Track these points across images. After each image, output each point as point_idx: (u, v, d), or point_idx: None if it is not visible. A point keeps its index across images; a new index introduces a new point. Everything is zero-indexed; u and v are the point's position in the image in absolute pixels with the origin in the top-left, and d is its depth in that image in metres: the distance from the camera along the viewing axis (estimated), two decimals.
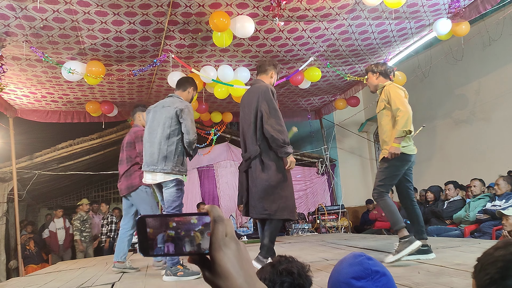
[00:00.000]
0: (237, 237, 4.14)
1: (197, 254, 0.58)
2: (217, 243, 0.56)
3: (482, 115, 6.45)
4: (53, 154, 7.06)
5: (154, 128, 3.39)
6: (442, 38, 5.01)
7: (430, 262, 2.87)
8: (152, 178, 3.36)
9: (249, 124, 3.22)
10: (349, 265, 1.07)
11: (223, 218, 0.58)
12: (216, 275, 0.56)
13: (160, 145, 3.31)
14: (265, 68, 3.47)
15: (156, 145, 3.33)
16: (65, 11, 3.71)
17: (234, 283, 0.55)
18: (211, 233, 0.57)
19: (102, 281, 3.38)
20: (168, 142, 3.31)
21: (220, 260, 0.55)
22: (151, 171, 3.33)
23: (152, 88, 6.01)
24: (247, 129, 3.25)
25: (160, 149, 3.31)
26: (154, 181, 3.36)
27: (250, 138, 3.21)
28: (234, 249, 0.57)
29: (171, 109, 3.34)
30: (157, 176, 3.33)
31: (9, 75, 4.86)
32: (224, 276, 0.55)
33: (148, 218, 0.58)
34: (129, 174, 4.00)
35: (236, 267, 0.56)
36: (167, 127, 3.32)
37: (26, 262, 6.99)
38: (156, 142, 3.33)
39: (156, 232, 0.58)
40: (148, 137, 3.42)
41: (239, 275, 0.55)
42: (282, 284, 1.29)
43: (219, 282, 0.55)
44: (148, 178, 3.39)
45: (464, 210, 5.27)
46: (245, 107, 3.32)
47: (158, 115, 3.38)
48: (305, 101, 7.63)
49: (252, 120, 3.21)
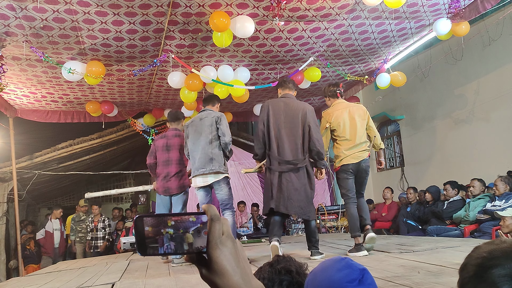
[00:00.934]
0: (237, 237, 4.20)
1: (195, 253, 0.59)
2: (214, 241, 0.57)
3: (481, 115, 6.46)
4: (53, 154, 7.07)
5: (197, 137, 3.89)
6: (442, 38, 5.01)
7: (430, 262, 2.87)
8: (203, 181, 3.82)
9: (294, 134, 3.66)
10: (338, 270, 1.05)
11: (219, 217, 0.59)
12: (213, 272, 0.57)
13: (205, 149, 3.82)
14: (289, 86, 3.92)
15: (201, 150, 3.82)
16: (65, 11, 3.71)
17: (231, 280, 0.56)
18: (208, 231, 0.58)
19: (102, 281, 3.38)
20: (211, 146, 3.83)
21: (217, 258, 0.57)
22: (202, 174, 3.80)
23: (152, 88, 6.02)
24: (289, 137, 3.66)
25: (205, 153, 3.81)
26: (206, 183, 3.84)
27: (296, 147, 3.65)
28: (231, 247, 0.58)
29: (209, 118, 3.91)
30: (208, 178, 3.80)
31: (9, 75, 4.86)
32: (221, 273, 0.56)
33: (146, 218, 0.59)
34: (181, 174, 4.42)
35: (232, 265, 0.57)
36: (209, 133, 3.86)
37: (26, 262, 6.99)
38: (201, 148, 3.83)
39: (154, 231, 0.58)
40: (192, 147, 3.90)
41: (235, 272, 0.57)
42: (281, 282, 1.30)
43: (216, 279, 0.57)
44: (199, 181, 3.83)
45: (464, 210, 5.27)
46: (284, 115, 3.71)
47: (199, 126, 3.91)
48: (305, 101, 7.63)
49: (299, 132, 3.66)
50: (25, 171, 6.80)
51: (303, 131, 3.66)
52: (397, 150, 8.76)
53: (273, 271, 1.33)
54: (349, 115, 3.86)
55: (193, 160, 3.89)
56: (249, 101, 6.37)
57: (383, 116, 8.76)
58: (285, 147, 3.65)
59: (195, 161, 3.85)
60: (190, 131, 3.97)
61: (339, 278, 1.03)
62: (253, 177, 8.74)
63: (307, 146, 3.66)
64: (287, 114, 3.70)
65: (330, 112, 3.93)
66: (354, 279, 1.03)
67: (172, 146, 4.45)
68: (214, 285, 0.57)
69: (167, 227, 0.58)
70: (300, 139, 3.65)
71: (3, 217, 6.84)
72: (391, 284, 2.23)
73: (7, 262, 6.89)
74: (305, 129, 3.66)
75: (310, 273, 1.16)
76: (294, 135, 3.65)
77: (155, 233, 0.58)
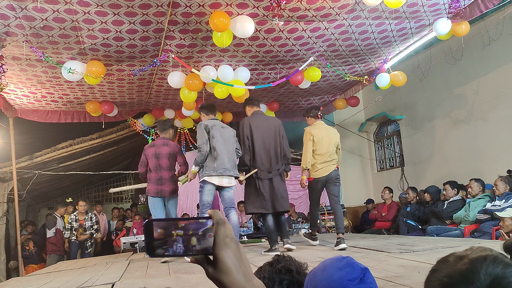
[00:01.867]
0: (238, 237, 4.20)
1: (202, 254, 0.65)
2: (220, 243, 0.64)
3: (481, 115, 6.46)
4: (53, 154, 7.07)
5: (223, 142, 4.20)
6: (442, 38, 5.01)
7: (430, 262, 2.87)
8: (228, 182, 4.21)
9: (275, 145, 4.36)
10: (339, 269, 1.04)
11: (224, 221, 0.66)
12: (219, 271, 0.63)
13: (232, 155, 4.26)
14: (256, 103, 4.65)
15: (229, 155, 4.20)
16: (65, 11, 3.71)
17: (235, 278, 0.63)
18: (215, 234, 0.65)
19: (102, 281, 3.38)
20: (234, 154, 4.31)
21: (222, 257, 0.63)
22: (229, 175, 4.17)
23: (152, 88, 6.02)
24: (272, 147, 4.35)
25: (232, 159, 4.25)
26: (229, 184, 4.23)
27: (277, 155, 4.37)
28: (235, 248, 0.65)
29: (230, 130, 4.35)
30: (232, 180, 4.23)
31: (9, 75, 4.85)
32: (227, 272, 0.63)
33: (155, 222, 0.64)
34: (174, 179, 4.74)
35: (236, 264, 0.64)
36: (233, 143, 4.33)
37: (26, 262, 6.99)
38: (229, 153, 4.21)
39: (165, 233, 0.63)
40: (221, 147, 4.16)
41: (238, 271, 0.64)
42: (281, 282, 1.30)
43: (221, 277, 0.63)
44: (225, 181, 4.17)
45: (464, 210, 5.27)
46: (263, 130, 4.37)
47: (224, 133, 4.25)
48: (305, 101, 7.63)
49: (278, 143, 4.39)
50: (25, 171, 6.80)
51: (280, 141, 4.41)
52: (397, 150, 8.76)
53: (273, 270, 1.33)
54: (327, 135, 4.55)
55: (221, 160, 4.11)
56: None
57: (383, 116, 8.77)
58: (271, 157, 4.32)
59: (223, 162, 4.11)
60: (216, 133, 4.18)
61: (340, 277, 1.02)
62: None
63: (283, 154, 4.42)
64: (266, 128, 4.35)
65: (312, 129, 4.61)
66: (355, 278, 1.01)
67: (161, 154, 4.70)
68: (220, 282, 0.64)
69: (178, 229, 0.64)
70: (279, 148, 4.39)
71: (3, 217, 6.84)
72: (391, 284, 2.23)
73: (7, 262, 6.89)
74: (279, 139, 4.41)
75: (310, 272, 1.15)
76: (275, 145, 4.35)
77: (165, 235, 0.63)
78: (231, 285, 0.63)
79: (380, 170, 9.30)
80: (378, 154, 9.44)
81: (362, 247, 4.06)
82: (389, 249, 3.71)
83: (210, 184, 4.12)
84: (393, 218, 6.84)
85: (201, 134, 4.11)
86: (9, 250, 6.99)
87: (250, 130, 4.32)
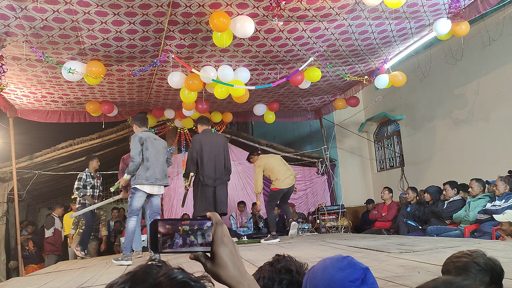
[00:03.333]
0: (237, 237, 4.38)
1: (202, 251, 0.73)
2: (218, 241, 0.73)
3: (481, 115, 6.46)
4: (53, 154, 7.07)
5: (155, 153, 4.47)
6: (442, 38, 5.01)
7: (430, 262, 2.87)
8: (158, 190, 4.53)
9: (220, 158, 5.22)
10: (340, 269, 1.01)
11: (222, 222, 0.76)
12: (217, 265, 0.73)
13: (163, 166, 4.55)
14: (206, 123, 5.48)
15: (160, 165, 4.49)
16: (65, 11, 3.71)
17: (231, 272, 0.73)
18: (214, 233, 0.74)
19: (102, 281, 3.38)
20: (165, 165, 4.61)
21: (220, 254, 0.73)
22: (159, 185, 4.49)
23: (152, 88, 6.02)
24: (218, 160, 5.22)
25: (163, 169, 4.54)
26: (159, 192, 4.56)
27: (222, 167, 5.28)
28: (231, 246, 0.75)
29: (162, 142, 4.65)
30: (161, 188, 4.57)
31: (9, 75, 4.86)
32: (224, 266, 0.73)
33: (160, 221, 0.72)
34: None
35: (232, 260, 0.73)
36: (164, 154, 4.60)
37: (26, 262, 6.99)
38: (160, 164, 4.49)
39: (167, 232, 0.71)
40: (153, 159, 4.42)
41: (234, 266, 0.73)
42: (281, 281, 1.30)
43: (218, 271, 0.73)
44: (156, 190, 4.48)
45: (464, 210, 5.27)
46: (210, 145, 5.22)
47: (156, 145, 4.51)
48: (305, 101, 7.63)
49: (222, 156, 5.30)
50: (25, 171, 6.80)
51: (224, 155, 5.30)
52: (397, 150, 8.76)
53: (273, 270, 1.33)
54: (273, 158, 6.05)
55: (152, 171, 4.41)
56: (249, 101, 6.37)
57: (383, 116, 8.77)
58: (217, 168, 5.18)
59: (155, 172, 4.42)
60: (149, 145, 4.44)
61: (341, 278, 0.99)
62: (253, 177, 8.73)
63: (226, 165, 5.36)
64: (213, 144, 5.16)
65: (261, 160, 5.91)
66: (356, 279, 0.99)
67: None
68: (217, 276, 0.73)
69: (179, 230, 0.72)
70: (223, 161, 5.27)
71: (3, 217, 6.84)
72: (391, 284, 2.23)
73: (7, 262, 6.89)
74: (224, 154, 5.30)
75: (308, 271, 1.12)
76: (220, 158, 5.18)
77: (168, 234, 0.71)
78: (227, 278, 0.72)
79: (380, 170, 9.30)
80: (378, 154, 9.43)
81: (362, 247, 4.06)
82: (389, 249, 3.71)
83: (141, 192, 4.37)
84: (393, 218, 6.84)
85: (135, 145, 4.35)
86: (9, 250, 6.99)
87: (200, 145, 5.15)
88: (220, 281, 0.73)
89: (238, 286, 0.72)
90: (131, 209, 4.39)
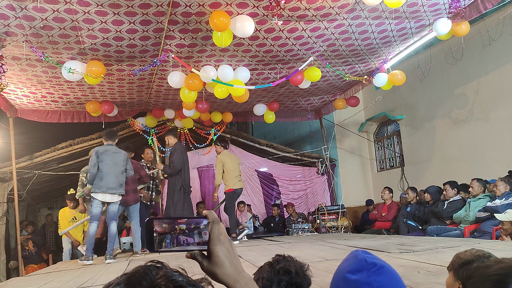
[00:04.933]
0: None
1: (198, 249, 0.72)
2: (215, 239, 0.72)
3: (481, 114, 6.45)
4: (53, 154, 7.06)
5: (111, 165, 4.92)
6: (442, 38, 5.01)
7: (430, 262, 2.87)
8: (111, 198, 4.91)
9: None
10: (345, 261, 1.03)
11: (219, 221, 0.74)
12: (214, 264, 0.72)
13: (118, 177, 4.96)
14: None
15: (115, 176, 4.92)
16: (65, 11, 3.71)
17: (228, 270, 0.71)
18: (210, 231, 0.72)
19: (102, 281, 3.38)
20: (122, 175, 5.01)
21: (217, 252, 0.72)
22: (112, 193, 4.89)
23: (152, 88, 6.01)
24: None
25: (118, 180, 4.95)
26: (113, 200, 4.95)
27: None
28: (228, 244, 0.73)
29: (122, 155, 5.04)
30: (115, 197, 4.94)
31: (9, 75, 4.85)
32: (220, 265, 0.71)
33: (156, 220, 0.71)
34: (136, 191, 5.58)
35: (229, 258, 0.72)
36: (122, 166, 5.01)
37: (26, 262, 6.99)
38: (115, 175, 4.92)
39: (163, 231, 0.70)
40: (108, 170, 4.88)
41: (231, 264, 0.72)
42: (279, 282, 1.30)
43: (215, 269, 0.72)
44: (108, 198, 4.87)
45: (464, 210, 5.26)
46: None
47: (114, 157, 4.96)
48: (305, 101, 7.63)
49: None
50: (25, 171, 6.80)
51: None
52: (397, 150, 8.76)
53: (272, 271, 1.33)
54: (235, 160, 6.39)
55: (106, 181, 4.85)
56: (249, 101, 6.37)
57: (383, 116, 8.76)
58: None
59: (108, 182, 4.85)
60: (105, 157, 4.90)
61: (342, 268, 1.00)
62: (253, 177, 8.74)
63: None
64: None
65: (223, 156, 6.19)
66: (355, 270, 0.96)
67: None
68: (214, 274, 0.72)
69: (175, 228, 0.71)
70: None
71: (3, 217, 6.83)
72: None
73: (7, 262, 6.89)
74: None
75: None
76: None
77: (164, 233, 0.70)
78: (224, 276, 0.71)
79: (380, 170, 9.30)
80: (378, 154, 9.43)
81: (362, 247, 4.05)
82: (389, 249, 3.71)
83: (96, 200, 4.86)
84: (393, 218, 6.84)
85: (92, 158, 4.88)
86: (9, 250, 6.98)
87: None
88: (217, 279, 0.72)
89: (235, 284, 0.71)
90: (91, 216, 4.92)
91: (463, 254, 1.48)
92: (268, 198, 8.83)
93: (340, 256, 3.47)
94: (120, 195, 4.99)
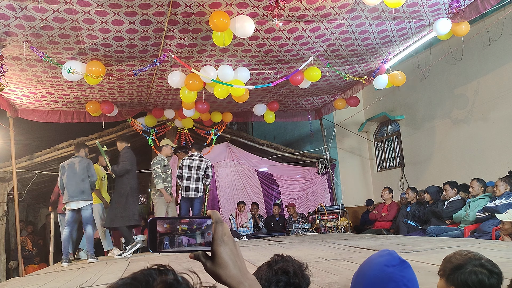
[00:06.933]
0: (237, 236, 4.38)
1: (201, 249, 0.71)
2: (219, 240, 0.71)
3: (481, 114, 6.45)
4: (53, 154, 7.06)
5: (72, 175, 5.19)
6: (442, 38, 5.01)
7: (430, 262, 2.87)
8: (76, 205, 5.19)
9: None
10: (379, 256, 1.22)
11: (222, 221, 0.73)
12: (217, 265, 0.70)
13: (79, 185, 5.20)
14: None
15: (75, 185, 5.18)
16: (65, 11, 3.71)
17: (231, 271, 0.70)
18: (214, 232, 0.71)
19: (102, 281, 3.38)
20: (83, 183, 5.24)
21: (221, 253, 0.70)
22: (76, 201, 5.18)
23: (152, 88, 6.02)
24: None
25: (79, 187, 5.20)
26: (78, 206, 5.20)
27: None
28: (231, 245, 0.72)
29: (82, 163, 5.29)
30: (80, 203, 5.20)
31: (9, 75, 4.85)
32: (224, 266, 0.70)
33: (159, 220, 0.70)
34: None
35: (233, 259, 0.71)
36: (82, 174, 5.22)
37: (26, 262, 6.99)
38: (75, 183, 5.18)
39: (166, 232, 0.69)
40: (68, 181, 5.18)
41: (235, 266, 0.70)
42: (277, 283, 1.30)
43: (219, 270, 0.70)
44: (73, 205, 5.17)
45: (464, 210, 5.26)
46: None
47: (78, 166, 5.23)
48: (305, 101, 7.63)
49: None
50: (25, 171, 6.80)
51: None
52: (397, 150, 8.76)
53: (270, 272, 1.33)
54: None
55: (67, 190, 5.16)
56: (249, 101, 6.37)
57: (383, 116, 8.76)
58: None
59: (69, 191, 5.14)
60: (66, 170, 5.21)
61: (378, 262, 1.21)
62: (253, 177, 8.74)
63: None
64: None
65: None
66: (392, 264, 1.18)
67: None
68: (217, 276, 0.70)
69: (178, 229, 0.70)
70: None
71: (3, 217, 6.84)
72: None
73: (7, 262, 6.89)
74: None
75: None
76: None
77: (167, 233, 0.69)
78: (227, 278, 0.70)
79: (380, 170, 9.30)
80: (378, 154, 9.43)
81: (362, 247, 4.05)
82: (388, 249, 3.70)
83: (67, 209, 5.26)
84: (393, 218, 6.83)
85: (59, 171, 5.28)
86: (9, 250, 6.98)
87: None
88: (220, 281, 0.71)
89: (239, 286, 0.70)
90: (65, 222, 5.33)
91: (453, 257, 1.54)
92: (268, 198, 8.83)
93: (340, 256, 3.47)
94: (85, 200, 5.22)
